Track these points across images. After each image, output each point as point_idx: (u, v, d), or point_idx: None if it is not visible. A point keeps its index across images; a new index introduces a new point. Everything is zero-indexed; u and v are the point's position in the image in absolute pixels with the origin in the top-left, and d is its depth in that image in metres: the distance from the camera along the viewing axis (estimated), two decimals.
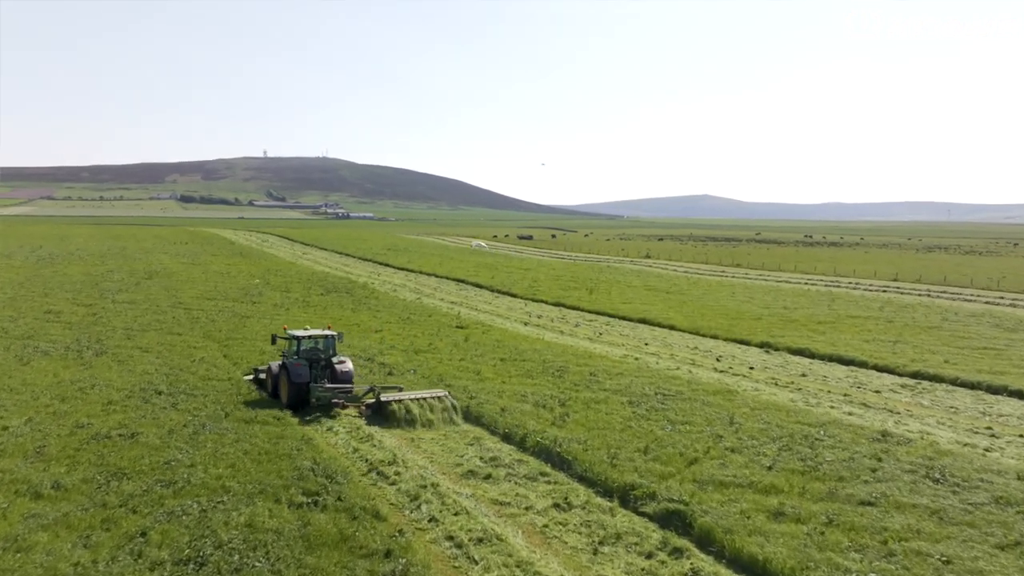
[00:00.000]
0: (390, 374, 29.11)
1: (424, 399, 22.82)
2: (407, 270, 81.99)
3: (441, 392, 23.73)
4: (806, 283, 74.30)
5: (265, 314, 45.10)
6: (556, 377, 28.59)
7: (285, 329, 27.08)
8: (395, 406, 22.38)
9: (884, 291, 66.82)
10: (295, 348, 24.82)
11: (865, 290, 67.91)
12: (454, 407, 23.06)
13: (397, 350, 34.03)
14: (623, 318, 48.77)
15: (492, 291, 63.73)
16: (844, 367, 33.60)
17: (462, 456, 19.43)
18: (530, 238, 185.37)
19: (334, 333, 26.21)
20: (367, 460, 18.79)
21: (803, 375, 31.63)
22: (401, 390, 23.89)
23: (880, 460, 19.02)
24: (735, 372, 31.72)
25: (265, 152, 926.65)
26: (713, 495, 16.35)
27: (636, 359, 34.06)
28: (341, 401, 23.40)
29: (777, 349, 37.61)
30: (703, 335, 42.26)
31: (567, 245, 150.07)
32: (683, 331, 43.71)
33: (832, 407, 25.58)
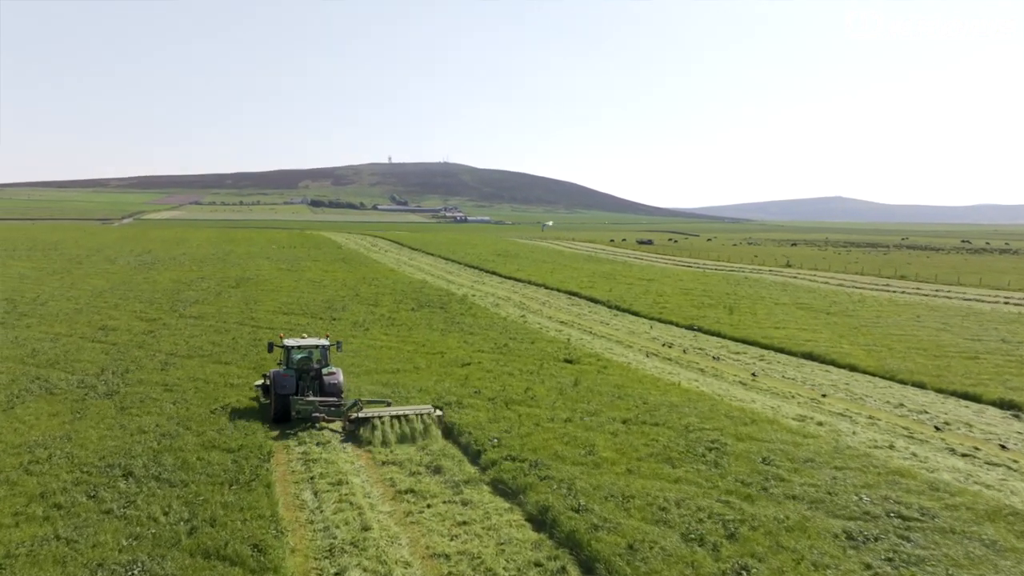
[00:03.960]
0: (455, 442, 20.48)
1: (405, 415, 21.65)
2: (514, 279, 73.72)
3: (425, 408, 22.27)
4: (1006, 302, 59.30)
5: (340, 334, 37.90)
6: (709, 464, 18.80)
7: (281, 337, 25.30)
8: (375, 422, 21.29)
9: None
10: (285, 358, 23.86)
11: None
12: (426, 428, 21.40)
13: (482, 398, 25.33)
14: (780, 350, 37.81)
15: (609, 307, 54.08)
16: None
17: None
18: (650, 243, 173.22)
19: (327, 343, 24.77)
20: None
21: None
22: (389, 404, 22.87)
23: None
24: (987, 458, 20.56)
25: (390, 158, 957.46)
26: None
27: (820, 425, 23.57)
28: (322, 415, 22.15)
29: None
30: (901, 381, 30.83)
31: (691, 251, 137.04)
32: (870, 374, 32.37)
33: None
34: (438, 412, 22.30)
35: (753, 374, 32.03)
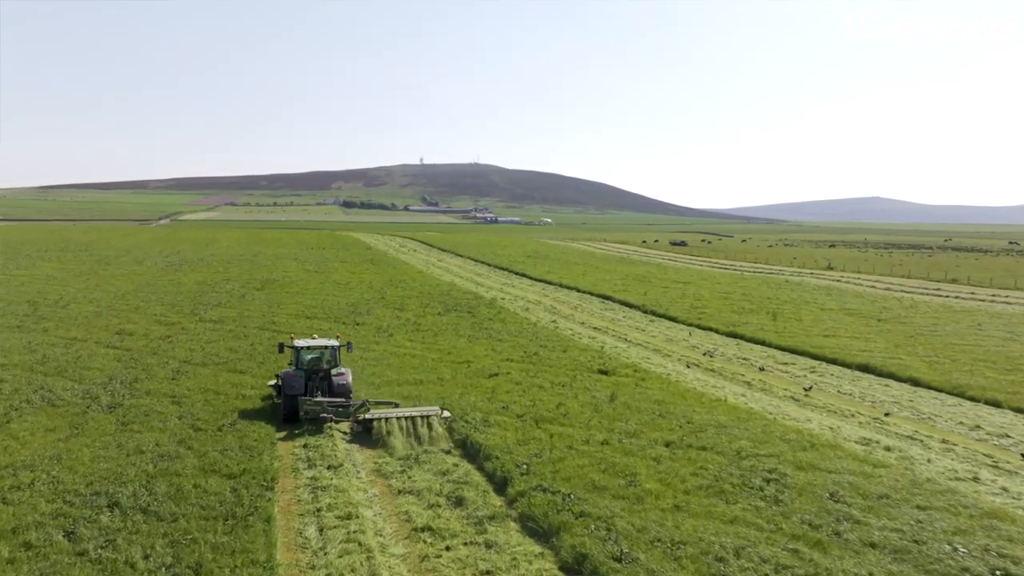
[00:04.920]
0: (479, 467, 18.44)
1: (412, 417, 21.37)
2: (545, 282, 71.52)
3: (432, 409, 22.00)
4: None
5: (361, 341, 36.23)
6: (769, 499, 16.46)
7: (292, 338, 25.15)
8: (377, 425, 21.08)
9: None
10: (295, 359, 23.75)
11: None
12: (431, 430, 21.00)
13: (510, 415, 23.26)
14: (832, 361, 35.07)
15: (644, 312, 51.62)
16: None
17: None
18: (683, 244, 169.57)
19: (336, 344, 24.55)
20: None
21: None
22: (397, 406, 22.61)
23: None
24: None
25: (421, 159, 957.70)
26: None
27: (888, 450, 21.02)
28: (330, 416, 21.93)
29: None
30: (972, 398, 28.00)
31: (726, 252, 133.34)
32: (935, 389, 29.57)
33: None
34: (445, 414, 22.07)
35: (805, 388, 29.43)
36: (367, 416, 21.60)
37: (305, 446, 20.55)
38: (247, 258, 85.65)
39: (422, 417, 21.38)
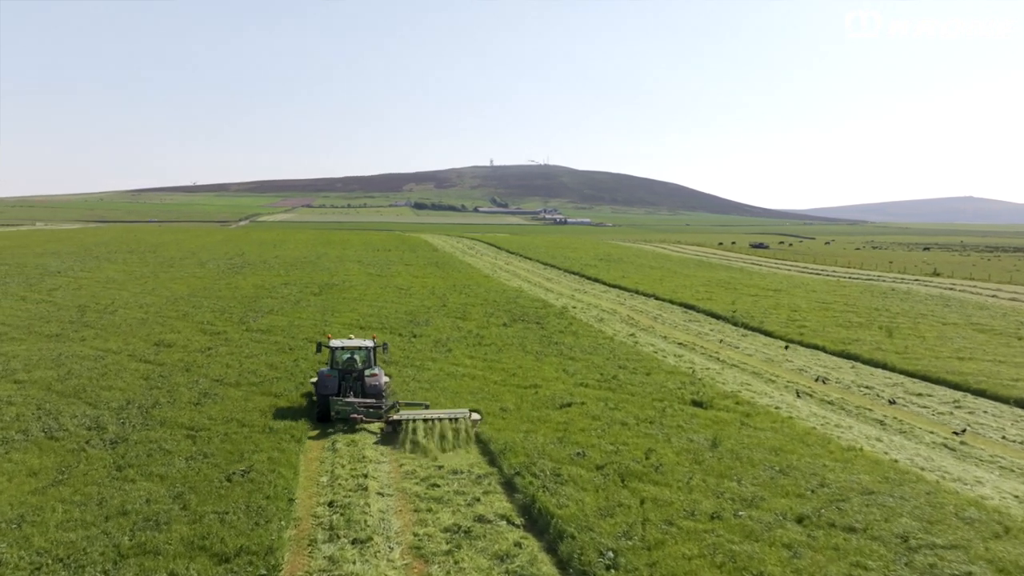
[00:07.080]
0: (549, 548, 13.75)
1: (440, 419, 21.15)
2: (620, 287, 66.22)
3: (461, 412, 21.71)
4: None
5: (416, 357, 32.26)
6: None
7: (328, 338, 25.59)
8: (405, 426, 21.01)
9: None
10: (330, 359, 24.03)
11: None
12: (456, 433, 20.79)
13: (587, 465, 18.51)
14: (978, 392, 28.82)
15: (735, 325, 45.79)
16: None
17: None
18: (764, 247, 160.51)
19: (370, 344, 24.53)
20: None
21: None
22: (428, 407, 22.84)
23: None
24: None
25: (491, 161, 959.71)
26: None
27: None
28: (360, 416, 21.95)
29: None
30: None
31: (813, 256, 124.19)
32: None
33: None
34: (475, 416, 21.89)
35: (957, 432, 23.48)
36: (396, 417, 21.66)
37: (331, 504, 16.41)
38: (310, 260, 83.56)
39: (451, 419, 21.31)
